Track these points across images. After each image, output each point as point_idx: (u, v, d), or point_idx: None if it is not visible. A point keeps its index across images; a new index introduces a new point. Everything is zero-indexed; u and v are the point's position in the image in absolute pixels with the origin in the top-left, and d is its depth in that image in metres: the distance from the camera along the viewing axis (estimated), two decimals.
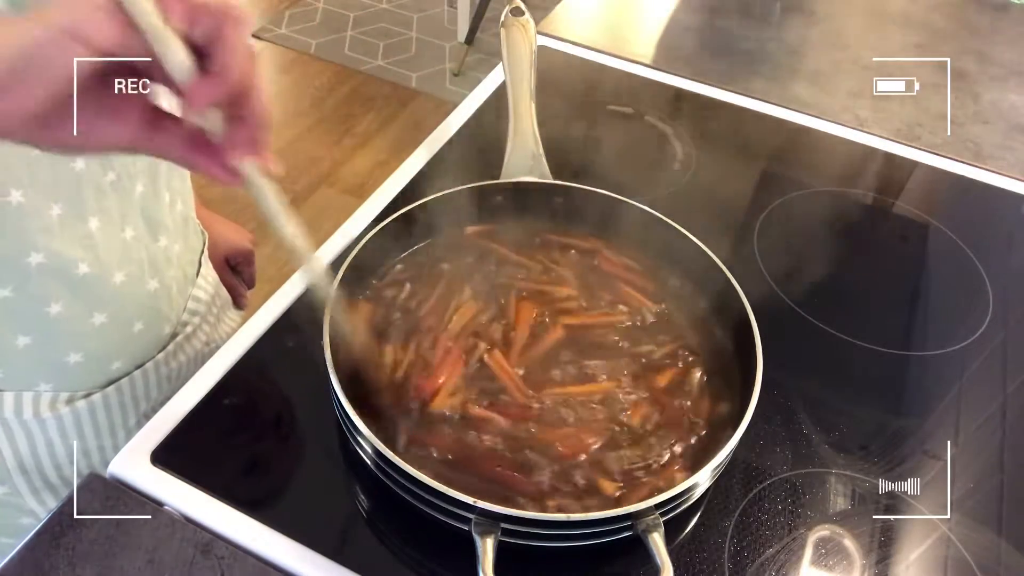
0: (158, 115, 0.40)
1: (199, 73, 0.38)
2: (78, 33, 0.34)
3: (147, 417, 0.73)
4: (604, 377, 0.65)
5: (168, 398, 0.73)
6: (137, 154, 0.42)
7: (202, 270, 0.80)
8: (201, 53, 0.38)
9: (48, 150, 0.40)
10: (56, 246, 0.58)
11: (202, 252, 0.81)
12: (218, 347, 0.81)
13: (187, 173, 0.74)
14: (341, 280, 0.64)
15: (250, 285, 0.98)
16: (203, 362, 0.77)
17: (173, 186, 0.71)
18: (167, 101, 0.41)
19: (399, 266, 0.73)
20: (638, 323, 0.70)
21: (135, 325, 0.68)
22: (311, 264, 0.54)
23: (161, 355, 0.73)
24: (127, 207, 0.64)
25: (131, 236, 0.65)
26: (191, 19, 0.37)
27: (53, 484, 0.71)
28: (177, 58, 0.38)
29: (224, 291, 0.87)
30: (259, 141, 0.42)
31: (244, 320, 0.87)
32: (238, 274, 0.96)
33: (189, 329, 0.76)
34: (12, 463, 0.68)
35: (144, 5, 0.35)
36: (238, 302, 0.93)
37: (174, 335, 0.75)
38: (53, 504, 0.71)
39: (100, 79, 0.37)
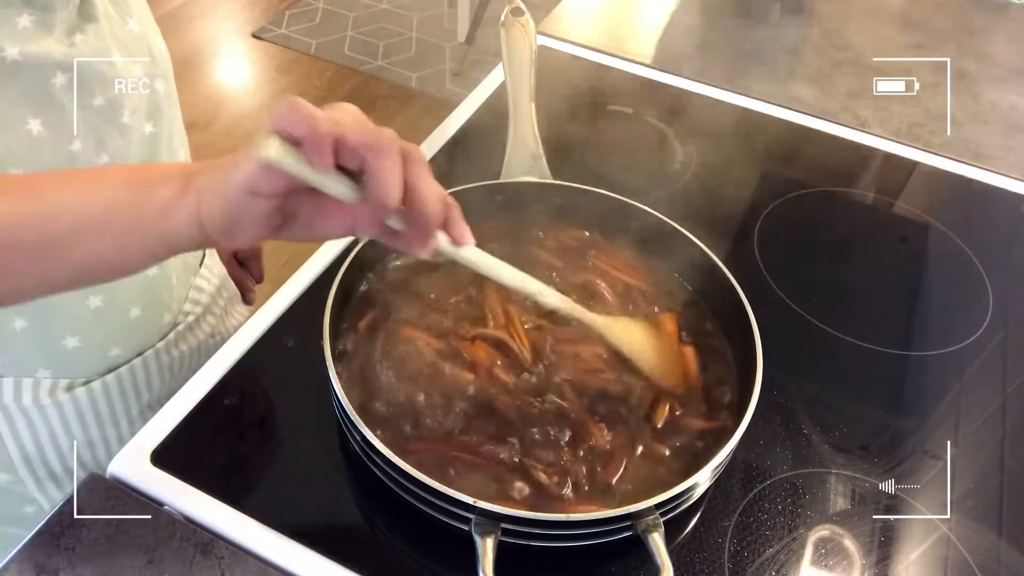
0: (357, 211, 0.45)
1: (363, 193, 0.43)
2: (254, 189, 0.42)
3: (150, 408, 0.73)
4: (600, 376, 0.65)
5: (171, 389, 0.73)
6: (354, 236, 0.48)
7: (206, 261, 0.80)
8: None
9: (289, 240, 0.47)
10: None
11: None
12: (224, 339, 0.81)
13: (183, 160, 0.74)
14: (340, 280, 0.64)
15: (258, 280, 0.98)
16: (208, 354, 0.77)
17: None
18: None
19: (399, 266, 0.73)
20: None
21: (132, 310, 0.69)
22: (546, 296, 0.59)
23: (161, 343, 0.74)
24: None
25: None
26: (338, 159, 0.42)
27: (56, 474, 0.72)
28: (336, 190, 0.43)
29: (232, 284, 0.87)
30: (434, 227, 0.46)
31: (259, 298, 0.87)
32: (245, 269, 0.97)
33: (191, 319, 0.76)
34: (15, 452, 0.69)
35: (293, 165, 0.41)
36: (246, 297, 0.94)
37: (175, 324, 0.75)
38: (56, 494, 0.72)
39: (301, 196, 0.44)
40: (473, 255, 0.52)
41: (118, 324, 0.68)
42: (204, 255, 0.80)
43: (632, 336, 0.63)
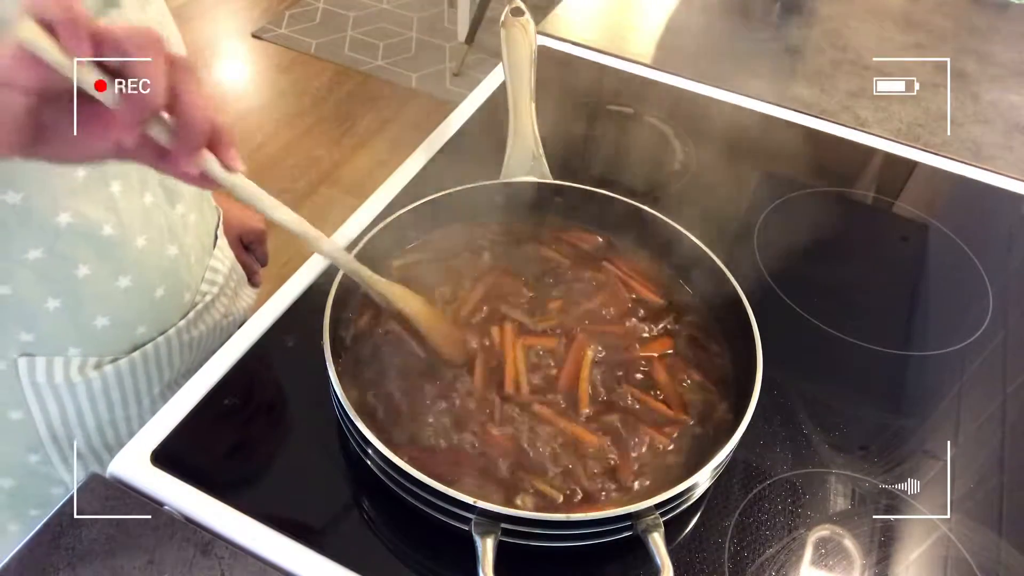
0: (119, 121, 0.42)
1: (122, 96, 0.41)
2: (5, 79, 0.38)
3: (169, 388, 0.76)
4: (600, 376, 0.65)
5: (189, 368, 0.76)
6: (124, 161, 0.44)
7: (218, 242, 0.83)
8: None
9: (51, 162, 0.43)
10: (82, 207, 0.61)
11: (217, 226, 0.84)
12: (236, 320, 0.84)
13: None
14: (341, 280, 0.64)
15: (263, 263, 1.01)
16: (222, 333, 0.80)
17: None
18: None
19: (402, 262, 0.73)
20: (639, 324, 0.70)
21: (157, 290, 0.71)
22: (317, 243, 0.57)
23: (183, 322, 0.76)
24: (146, 173, 0.66)
25: (150, 202, 0.67)
26: (95, 52, 0.39)
27: (82, 454, 0.73)
28: (93, 84, 0.40)
29: (239, 267, 0.90)
30: (208, 143, 0.45)
31: (259, 297, 0.88)
32: (251, 253, 0.99)
33: (208, 298, 0.79)
34: (44, 431, 0.70)
35: (46, 49, 0.38)
36: (252, 279, 0.96)
37: (194, 303, 0.78)
38: (82, 473, 0.73)
39: (59, 104, 0.40)
40: (245, 186, 0.49)
41: (145, 303, 0.70)
42: (217, 237, 0.82)
43: (413, 305, 0.65)
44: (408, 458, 0.54)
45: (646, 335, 0.69)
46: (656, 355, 0.67)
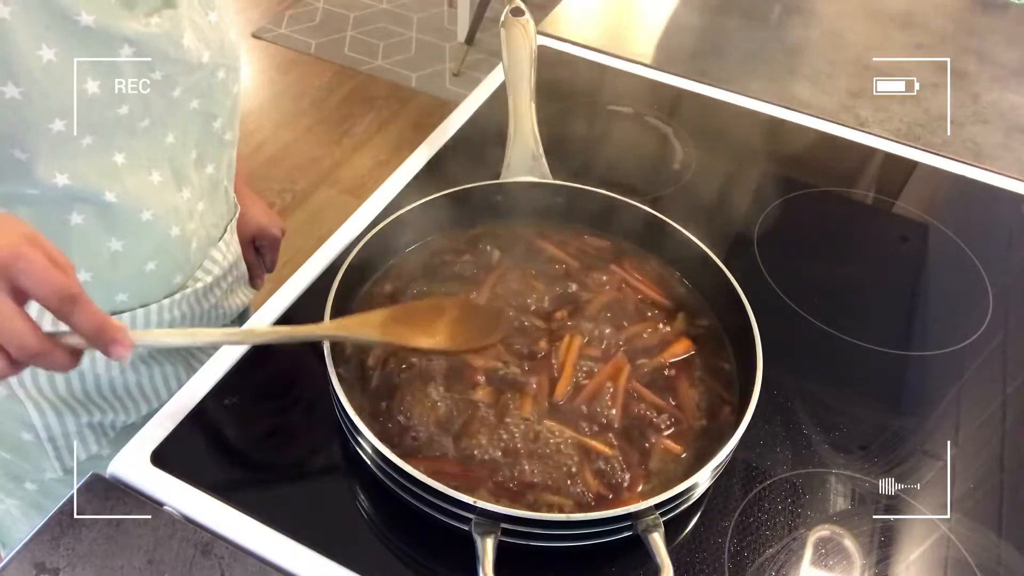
0: None
1: None
2: None
3: (143, 361, 0.76)
4: (600, 375, 0.65)
5: (168, 346, 0.76)
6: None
7: (226, 236, 0.83)
8: None
9: None
10: (81, 169, 0.62)
11: (230, 221, 0.84)
12: (225, 314, 0.84)
13: (227, 142, 0.77)
14: (340, 280, 0.64)
15: (269, 269, 1.00)
16: (206, 324, 0.80)
17: (206, 148, 0.73)
18: None
19: (399, 266, 0.73)
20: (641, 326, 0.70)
21: (148, 264, 0.71)
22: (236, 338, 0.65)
23: (166, 300, 0.75)
24: (155, 152, 0.67)
25: (158, 181, 0.68)
26: None
27: (48, 397, 0.73)
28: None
29: (243, 266, 0.90)
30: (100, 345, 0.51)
31: (259, 297, 0.88)
32: (261, 256, 0.98)
33: (199, 286, 0.79)
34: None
35: None
36: (254, 281, 0.95)
37: (183, 287, 0.77)
38: (52, 419, 0.73)
39: None
40: (144, 340, 0.60)
41: (132, 273, 0.70)
42: (225, 231, 0.82)
43: (409, 322, 0.64)
44: (409, 452, 0.54)
45: (665, 340, 0.69)
46: (677, 360, 0.67)
